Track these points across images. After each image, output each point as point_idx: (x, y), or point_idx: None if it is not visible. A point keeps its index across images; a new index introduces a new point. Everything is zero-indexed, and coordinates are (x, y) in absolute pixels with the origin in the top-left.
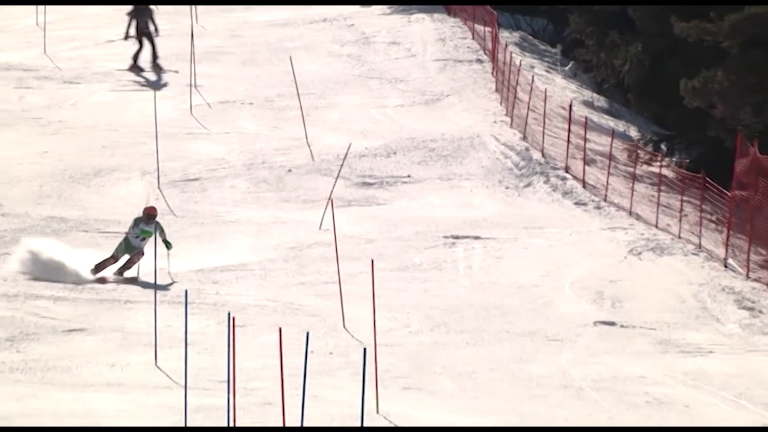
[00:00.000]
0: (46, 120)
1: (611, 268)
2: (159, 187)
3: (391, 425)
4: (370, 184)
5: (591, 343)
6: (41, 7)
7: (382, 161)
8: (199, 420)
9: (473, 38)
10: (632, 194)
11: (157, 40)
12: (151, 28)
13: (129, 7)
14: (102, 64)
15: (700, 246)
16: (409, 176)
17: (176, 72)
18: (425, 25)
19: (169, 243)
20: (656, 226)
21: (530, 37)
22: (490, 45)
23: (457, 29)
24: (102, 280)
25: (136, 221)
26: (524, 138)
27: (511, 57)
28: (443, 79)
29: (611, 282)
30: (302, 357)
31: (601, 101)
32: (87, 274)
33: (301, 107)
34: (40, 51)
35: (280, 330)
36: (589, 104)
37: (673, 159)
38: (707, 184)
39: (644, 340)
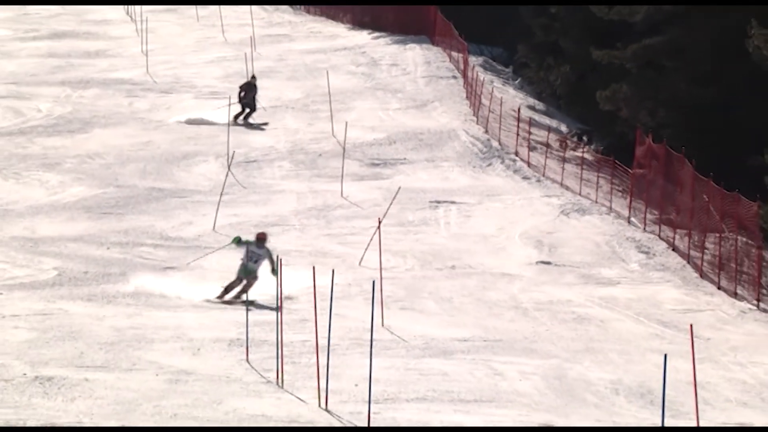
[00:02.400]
0: (148, 119)
1: (548, 224)
2: (229, 167)
3: (393, 335)
4: (377, 164)
5: (534, 277)
6: (145, 38)
7: (386, 148)
8: (257, 331)
9: (450, 61)
10: (563, 171)
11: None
12: (257, 100)
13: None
14: (188, 79)
15: (611, 208)
16: (404, 159)
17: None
18: (416, 52)
19: (275, 271)
20: (580, 194)
21: (490, 61)
22: (462, 66)
23: (439, 55)
24: (227, 302)
25: (248, 244)
26: (486, 132)
27: (476, 74)
28: (429, 90)
29: (548, 233)
30: (329, 287)
31: (540, 106)
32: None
33: (331, 109)
34: (144, 70)
35: (313, 268)
36: (532, 108)
37: (592, 147)
38: (616, 165)
39: (571, 275)
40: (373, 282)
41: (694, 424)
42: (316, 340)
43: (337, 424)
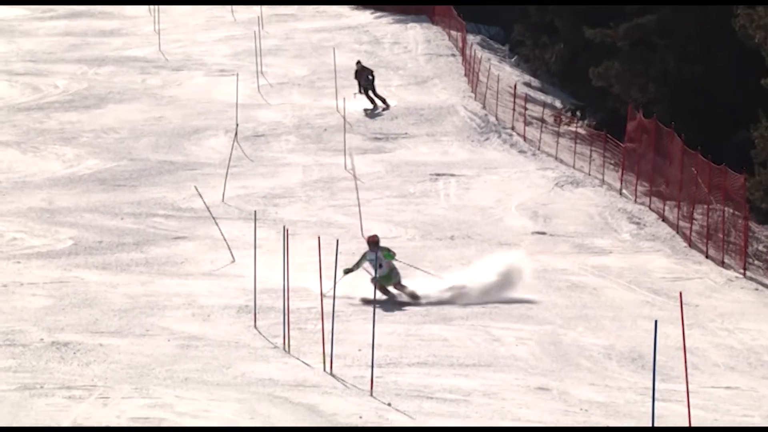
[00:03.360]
0: (160, 95)
1: (543, 196)
2: (237, 141)
3: (395, 302)
4: (379, 138)
5: (529, 246)
6: (158, 17)
7: (388, 123)
8: (264, 298)
9: (449, 40)
10: (557, 145)
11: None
12: (370, 79)
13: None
14: (198, 57)
15: (603, 181)
16: (406, 133)
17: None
18: (417, 30)
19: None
20: (573, 167)
21: (488, 39)
22: (460, 44)
23: (438, 33)
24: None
25: (364, 255)
26: (484, 107)
27: (474, 52)
28: (429, 67)
29: (543, 205)
30: (333, 256)
31: (535, 82)
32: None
33: (336, 85)
34: (157, 48)
35: (318, 238)
36: (527, 84)
37: (585, 121)
38: (608, 139)
39: (566, 245)
40: (376, 251)
41: (683, 388)
42: (321, 308)
43: (341, 387)
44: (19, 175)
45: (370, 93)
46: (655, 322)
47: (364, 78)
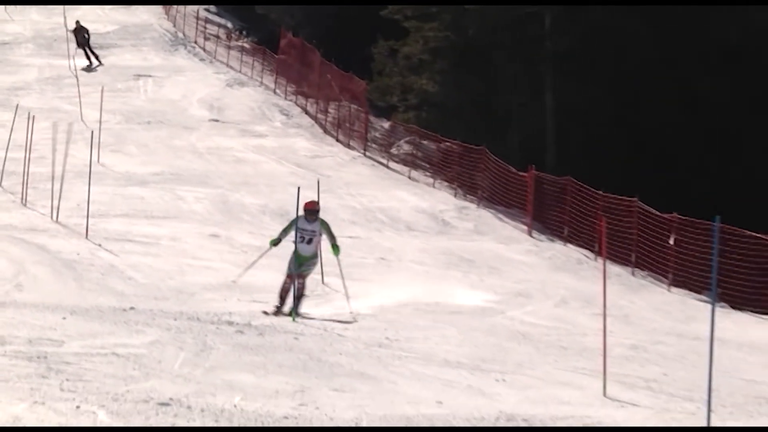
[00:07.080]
0: None
1: (217, 93)
2: None
3: (106, 169)
4: (95, 48)
5: (207, 130)
6: None
7: (103, 36)
8: (8, 164)
9: None
10: (228, 56)
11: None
12: (86, 37)
13: None
14: None
15: (261, 83)
16: (116, 44)
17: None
18: None
19: (337, 247)
20: (240, 72)
21: None
22: None
23: None
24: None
25: (293, 223)
26: (174, 26)
27: None
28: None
29: (217, 99)
30: (65, 135)
31: (213, 9)
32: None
33: (64, 7)
34: None
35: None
36: (208, 10)
37: (250, 38)
38: (266, 52)
39: (233, 129)
40: (92, 131)
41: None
42: (52, 171)
43: (64, 231)
44: None
45: (87, 50)
46: (298, 188)
47: (81, 36)
